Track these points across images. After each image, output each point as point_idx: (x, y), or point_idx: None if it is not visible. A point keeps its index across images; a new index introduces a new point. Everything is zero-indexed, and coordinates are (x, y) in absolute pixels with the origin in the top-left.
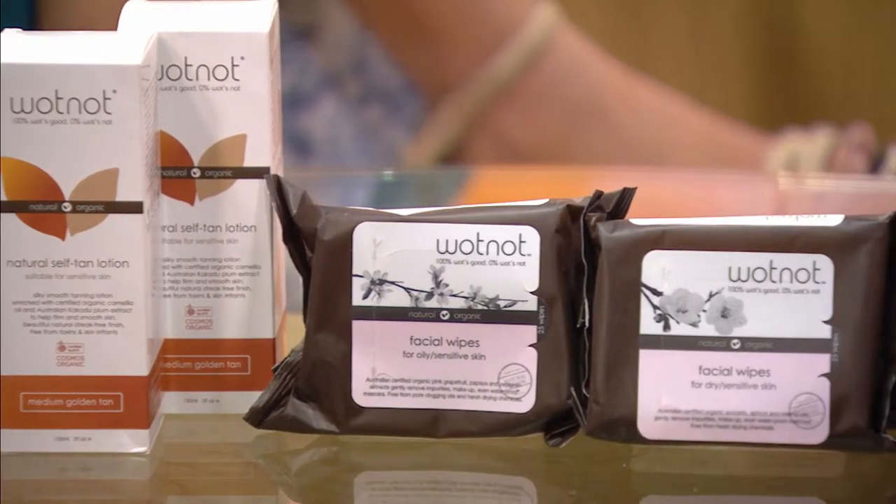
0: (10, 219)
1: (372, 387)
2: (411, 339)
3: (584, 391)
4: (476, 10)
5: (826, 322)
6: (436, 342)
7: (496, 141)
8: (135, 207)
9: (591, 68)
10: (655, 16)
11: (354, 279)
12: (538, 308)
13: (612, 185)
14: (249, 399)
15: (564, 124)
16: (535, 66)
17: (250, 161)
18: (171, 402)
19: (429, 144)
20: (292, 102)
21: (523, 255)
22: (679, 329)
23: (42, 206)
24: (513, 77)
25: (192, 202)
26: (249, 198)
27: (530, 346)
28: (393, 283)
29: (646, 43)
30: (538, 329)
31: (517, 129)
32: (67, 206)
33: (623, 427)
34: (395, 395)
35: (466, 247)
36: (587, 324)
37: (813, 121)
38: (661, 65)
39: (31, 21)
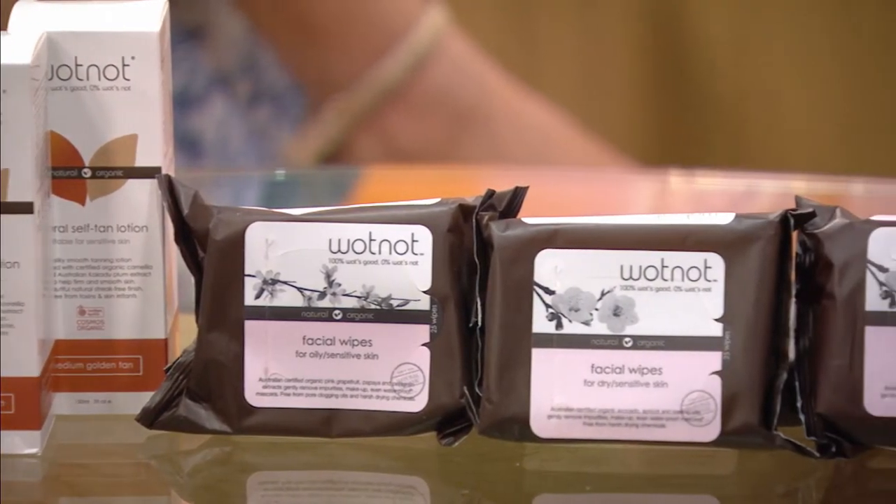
0: None
1: (265, 387)
2: (304, 338)
3: (477, 390)
4: (365, 12)
5: (717, 320)
6: (328, 342)
7: (382, 143)
8: (25, 208)
9: (478, 76)
10: (546, 32)
11: (247, 279)
12: (431, 307)
13: (504, 184)
14: (142, 400)
15: (450, 129)
16: (422, 70)
17: (141, 161)
18: (62, 403)
19: (311, 144)
20: (182, 102)
21: (416, 254)
22: (571, 328)
23: None
24: (400, 80)
25: (82, 202)
26: (141, 198)
27: (423, 345)
28: (285, 282)
29: (535, 59)
30: (431, 328)
31: (403, 131)
32: None
33: (516, 426)
34: (288, 395)
35: (359, 246)
36: (480, 323)
37: (702, 156)
38: (549, 82)
39: None
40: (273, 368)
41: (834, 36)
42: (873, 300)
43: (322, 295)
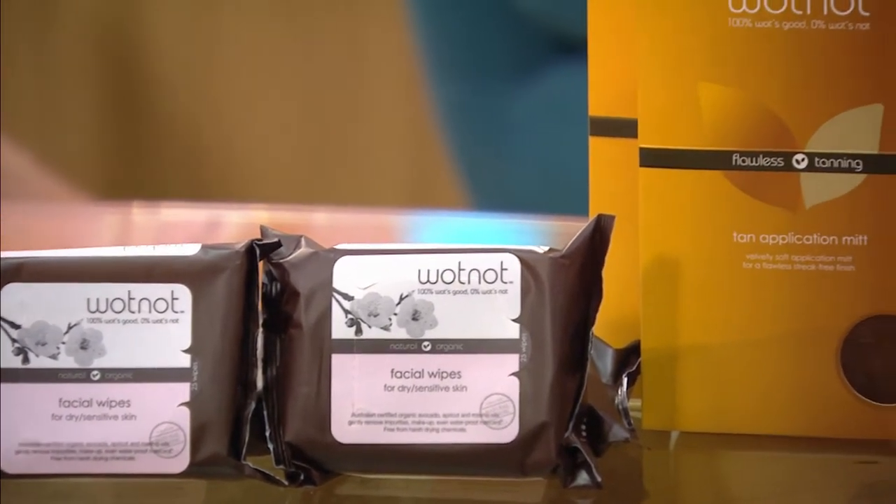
0: None
1: None
2: None
3: None
4: None
5: (185, 351)
6: None
7: None
8: None
9: None
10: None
11: None
12: None
13: None
14: None
15: None
16: None
17: None
18: None
19: None
20: None
21: None
22: (38, 362)
23: None
24: None
25: None
26: None
27: None
28: None
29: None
30: None
31: None
32: None
33: None
34: None
35: None
36: None
37: (165, 189)
38: (8, 119)
39: None
40: None
41: (291, 69)
42: (339, 328)
43: None
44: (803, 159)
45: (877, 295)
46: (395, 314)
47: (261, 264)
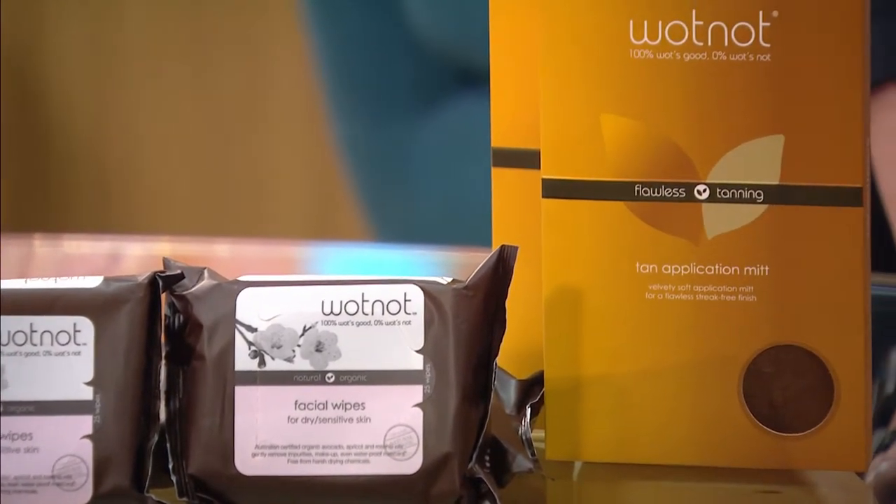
0: None
1: None
2: None
3: None
4: None
5: (88, 384)
6: None
7: None
8: None
9: None
10: None
11: None
12: None
13: None
14: None
15: None
16: None
17: None
18: None
19: None
20: None
21: None
22: None
23: None
24: None
25: None
26: None
27: None
28: None
29: None
30: None
31: None
32: None
33: None
34: None
35: None
36: None
37: (67, 221)
38: None
39: None
40: None
41: (194, 101)
42: (242, 360)
43: None
44: (705, 190)
45: (778, 325)
46: (299, 346)
47: (164, 296)
